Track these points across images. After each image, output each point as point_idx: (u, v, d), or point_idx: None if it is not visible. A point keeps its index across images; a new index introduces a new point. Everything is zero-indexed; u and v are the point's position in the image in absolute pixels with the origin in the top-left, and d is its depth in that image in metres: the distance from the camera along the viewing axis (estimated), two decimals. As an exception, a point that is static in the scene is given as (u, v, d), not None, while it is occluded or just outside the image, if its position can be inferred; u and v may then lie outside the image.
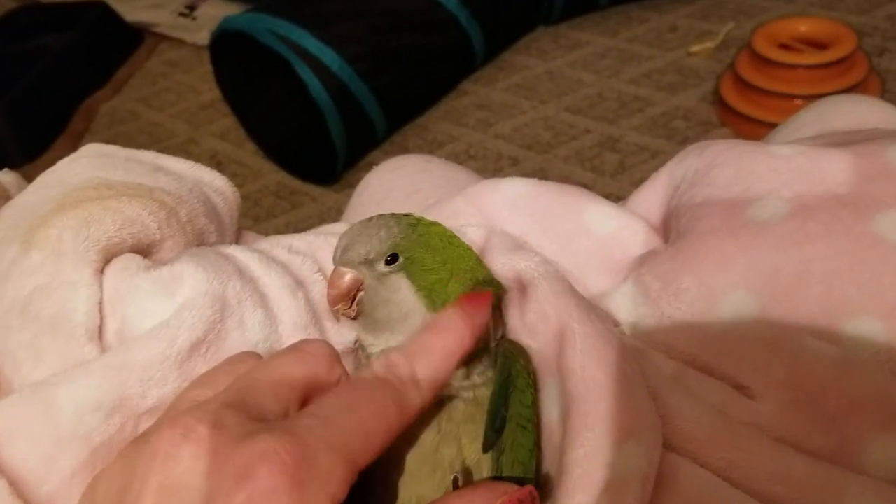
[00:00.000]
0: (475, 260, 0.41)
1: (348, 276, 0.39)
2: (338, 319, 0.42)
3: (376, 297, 0.39)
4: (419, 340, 0.33)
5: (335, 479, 0.28)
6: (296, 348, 0.33)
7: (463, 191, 0.51)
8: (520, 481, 0.33)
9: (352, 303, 0.40)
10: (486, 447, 0.35)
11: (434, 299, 0.38)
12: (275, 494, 0.26)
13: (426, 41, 1.65)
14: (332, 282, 0.40)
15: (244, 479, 0.27)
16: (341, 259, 0.40)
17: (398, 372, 0.31)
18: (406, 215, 0.41)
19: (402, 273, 0.39)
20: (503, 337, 0.41)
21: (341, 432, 0.29)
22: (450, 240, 0.41)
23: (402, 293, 0.39)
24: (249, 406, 0.29)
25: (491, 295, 0.35)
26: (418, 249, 0.39)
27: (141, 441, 0.29)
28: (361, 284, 0.39)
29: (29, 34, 1.97)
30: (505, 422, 0.35)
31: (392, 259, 0.39)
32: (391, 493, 0.36)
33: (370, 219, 0.41)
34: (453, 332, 0.33)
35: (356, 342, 0.41)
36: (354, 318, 0.40)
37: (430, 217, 0.42)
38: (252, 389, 0.30)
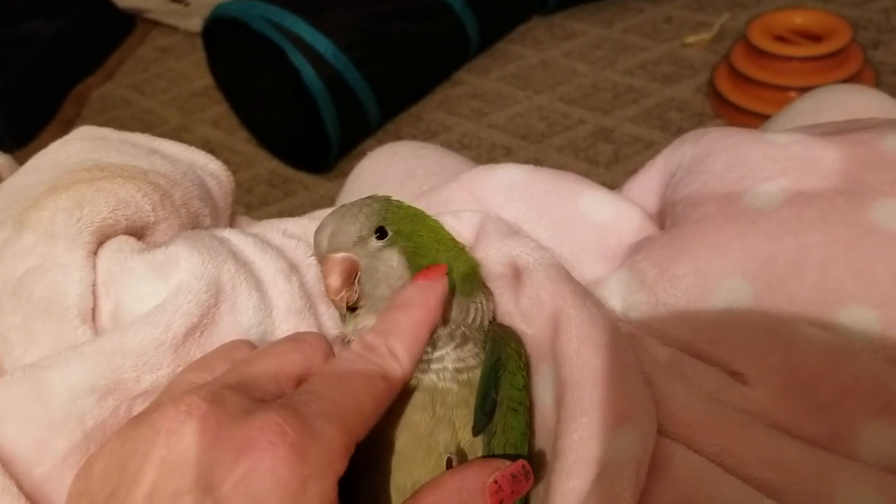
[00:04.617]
0: (447, 231, 0.42)
1: (344, 258, 0.38)
2: (341, 310, 0.40)
3: (376, 274, 0.38)
4: (387, 318, 0.35)
5: (335, 448, 0.29)
6: (294, 338, 0.34)
7: (458, 177, 0.50)
8: (513, 458, 0.33)
9: (353, 286, 0.39)
10: (476, 430, 0.35)
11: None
12: (277, 464, 0.27)
13: (420, 29, 1.64)
14: (328, 270, 0.38)
15: (246, 452, 0.27)
16: (330, 246, 0.39)
17: (376, 348, 0.33)
18: (378, 195, 0.41)
19: (394, 247, 0.39)
20: (494, 320, 0.41)
21: (335, 405, 0.30)
22: (421, 213, 0.42)
23: (397, 265, 0.39)
24: (250, 388, 0.30)
25: (445, 266, 0.38)
26: (404, 221, 0.40)
27: (141, 419, 0.29)
28: (358, 265, 0.39)
29: (20, 19, 1.95)
30: (495, 405, 0.35)
31: (382, 234, 0.39)
32: (386, 477, 0.36)
33: (343, 206, 0.41)
34: (418, 306, 0.36)
35: (341, 336, 0.40)
36: (355, 305, 0.39)
37: (423, 203, 0.42)
38: (252, 374, 0.32)
